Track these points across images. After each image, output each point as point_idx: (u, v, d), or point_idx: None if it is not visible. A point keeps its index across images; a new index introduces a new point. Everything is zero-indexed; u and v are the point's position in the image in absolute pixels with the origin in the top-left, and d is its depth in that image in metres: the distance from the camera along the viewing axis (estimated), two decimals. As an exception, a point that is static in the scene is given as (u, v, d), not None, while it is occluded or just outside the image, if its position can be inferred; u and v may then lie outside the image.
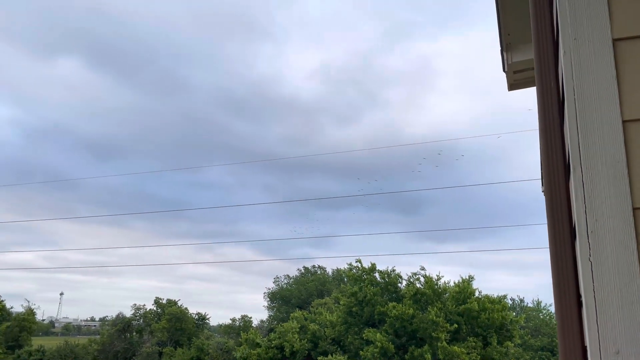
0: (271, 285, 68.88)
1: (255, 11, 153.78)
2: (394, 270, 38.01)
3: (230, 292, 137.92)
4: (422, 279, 36.38)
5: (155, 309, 57.27)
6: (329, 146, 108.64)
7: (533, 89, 2.25)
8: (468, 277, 35.78)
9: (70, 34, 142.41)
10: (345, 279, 49.99)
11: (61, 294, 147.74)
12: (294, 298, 61.27)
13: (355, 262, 38.68)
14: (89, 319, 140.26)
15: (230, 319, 57.14)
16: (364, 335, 33.25)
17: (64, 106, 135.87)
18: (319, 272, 67.74)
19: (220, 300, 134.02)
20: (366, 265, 38.15)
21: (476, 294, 35.18)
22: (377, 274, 37.79)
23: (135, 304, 56.98)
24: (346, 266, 40.91)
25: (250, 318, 57.09)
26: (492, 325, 33.08)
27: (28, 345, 57.64)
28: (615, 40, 1.80)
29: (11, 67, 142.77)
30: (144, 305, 57.47)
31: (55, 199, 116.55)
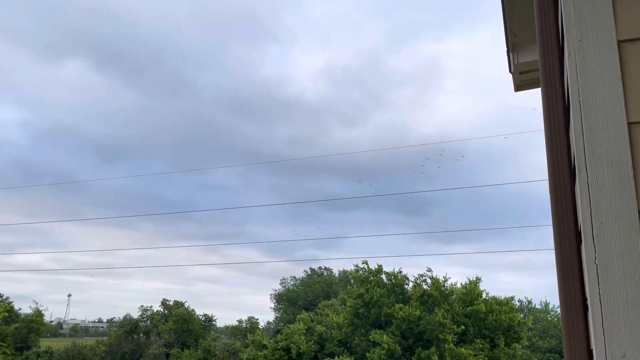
0: (278, 287, 68.96)
1: (261, 12, 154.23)
2: (400, 271, 37.98)
3: (237, 294, 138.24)
4: (429, 281, 36.31)
5: (162, 310, 57.46)
6: (335, 147, 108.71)
7: (540, 90, 2.24)
8: (475, 279, 35.68)
9: (76, 36, 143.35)
10: (351, 281, 50.00)
11: (69, 296, 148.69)
12: (301, 299, 61.28)
13: (362, 264, 38.71)
14: (96, 320, 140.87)
15: (237, 321, 57.26)
16: (370, 336, 33.19)
17: (71, 108, 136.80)
18: (326, 274, 67.75)
19: (226, 302, 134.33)
20: (373, 266, 38.17)
21: (483, 295, 35.06)
22: (384, 276, 37.74)
23: (142, 306, 57.27)
24: (353, 267, 40.94)
25: (257, 319, 57.18)
26: (500, 327, 32.93)
27: (36, 346, 57.98)
28: (620, 41, 1.79)
29: (17, 70, 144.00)
30: (151, 306, 57.74)
31: (63, 201, 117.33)
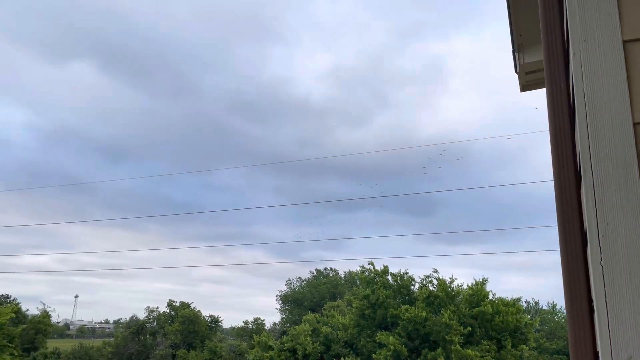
0: (284, 288, 69.03)
1: (266, 13, 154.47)
2: (406, 272, 37.91)
3: (243, 295, 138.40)
4: (435, 282, 36.21)
5: (168, 311, 57.64)
6: (340, 148, 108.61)
7: (545, 91, 2.23)
8: (482, 280, 35.55)
9: (81, 37, 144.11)
10: (357, 282, 49.97)
11: (76, 297, 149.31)
12: (307, 301, 61.30)
13: (368, 265, 38.67)
14: (103, 321, 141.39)
15: (243, 322, 57.43)
16: (376, 338, 33.14)
17: (76, 109, 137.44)
18: (332, 275, 67.74)
19: (232, 303, 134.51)
20: (379, 267, 38.11)
21: (490, 296, 34.92)
22: (390, 277, 37.69)
23: (148, 307, 57.50)
24: (358, 269, 40.91)
25: (263, 321, 57.28)
26: (507, 328, 32.80)
27: (43, 347, 58.33)
28: (625, 41, 1.78)
29: (23, 71, 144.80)
30: (157, 307, 57.95)
31: (69, 202, 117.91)
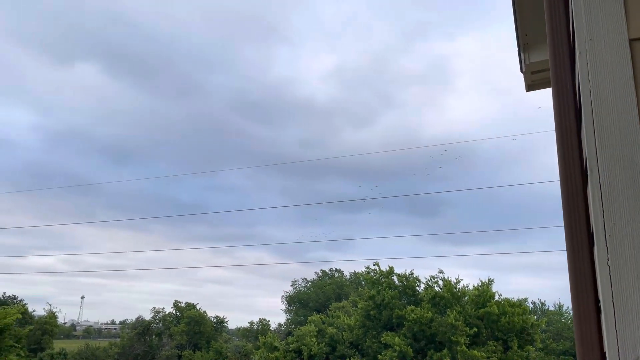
0: (289, 289, 69.06)
1: (270, 14, 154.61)
2: (412, 273, 37.86)
3: (248, 296, 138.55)
4: (441, 282, 36.16)
5: (174, 312, 57.79)
6: (345, 148, 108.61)
7: (551, 90, 2.22)
8: (487, 280, 35.45)
9: (87, 39, 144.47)
10: (363, 282, 49.92)
11: (82, 298, 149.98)
12: (312, 301, 61.30)
13: (373, 265, 38.64)
14: (109, 322, 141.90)
15: (249, 323, 57.50)
16: (382, 339, 33.10)
17: (82, 110, 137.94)
18: (337, 276, 67.71)
19: (238, 304, 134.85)
20: (384, 268, 38.05)
21: (496, 297, 34.82)
22: (395, 277, 37.64)
23: (154, 307, 57.69)
24: (364, 269, 40.88)
25: (268, 321, 57.37)
26: (513, 329, 32.68)
27: (50, 348, 58.58)
28: (631, 40, 1.76)
29: (29, 73, 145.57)
30: (163, 308, 58.13)
31: (75, 203, 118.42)
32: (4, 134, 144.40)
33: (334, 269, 68.80)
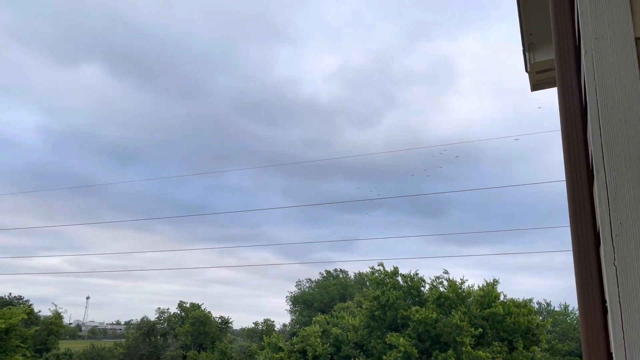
0: (293, 289, 69.07)
1: (273, 14, 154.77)
2: (416, 273, 37.77)
3: (253, 296, 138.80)
4: (446, 283, 36.07)
5: (179, 312, 57.91)
6: (349, 148, 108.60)
7: (556, 90, 2.21)
8: (492, 281, 35.36)
9: (91, 40, 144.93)
10: (367, 283, 49.87)
11: (87, 298, 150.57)
12: (316, 302, 61.28)
13: (378, 266, 38.60)
14: (114, 322, 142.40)
15: (253, 323, 57.54)
16: (386, 339, 33.06)
17: (86, 111, 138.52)
18: (341, 276, 67.68)
19: (243, 304, 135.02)
20: (388, 268, 38.01)
21: (501, 297, 34.72)
22: (400, 278, 37.57)
23: (159, 308, 57.82)
24: (368, 270, 40.84)
25: (273, 322, 57.38)
26: (518, 330, 32.57)
27: (55, 348, 58.80)
28: (637, 38, 1.75)
29: (34, 74, 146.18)
30: (168, 309, 58.24)
31: (80, 204, 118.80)
32: (9, 135, 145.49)
33: (339, 270, 68.83)
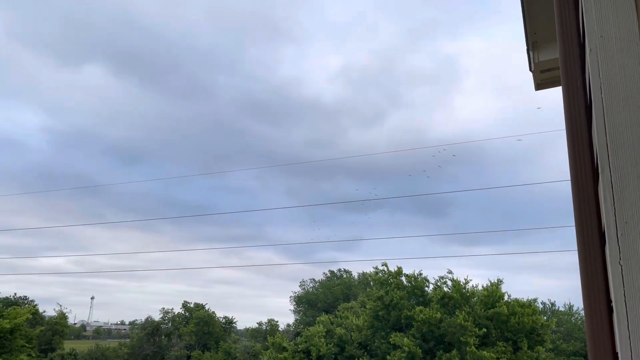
0: (297, 289, 69.09)
1: (277, 14, 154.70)
2: (420, 273, 37.73)
3: (257, 296, 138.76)
4: (450, 283, 36.00)
5: (183, 312, 58.02)
6: (353, 148, 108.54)
7: (560, 89, 2.20)
8: (497, 281, 35.28)
9: (95, 40, 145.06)
10: (371, 283, 49.83)
11: (92, 298, 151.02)
12: (320, 302, 61.29)
13: (381, 266, 38.55)
14: (119, 322, 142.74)
15: (257, 323, 57.53)
16: (390, 339, 33.03)
17: (90, 112, 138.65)
18: (345, 276, 67.65)
19: (247, 304, 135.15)
20: (392, 268, 37.96)
21: (505, 297, 34.65)
22: (404, 278, 37.54)
23: (163, 308, 57.93)
24: (372, 270, 40.80)
25: (277, 322, 57.38)
26: (523, 330, 32.50)
27: (60, 348, 59.00)
28: (643, 36, 1.74)
29: (38, 75, 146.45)
30: (172, 309, 58.35)
31: (84, 205, 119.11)
32: (13, 136, 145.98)
33: (342, 270, 68.81)
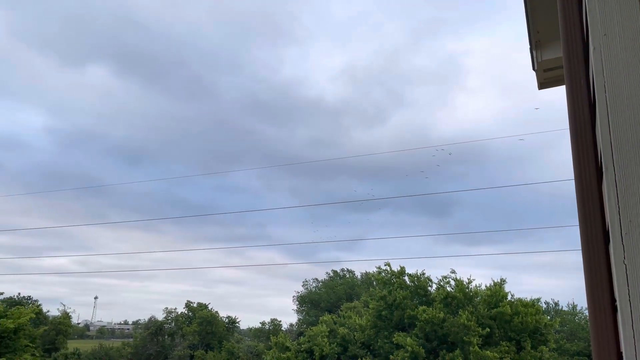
0: (300, 289, 69.11)
1: (280, 14, 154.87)
2: (423, 273, 37.70)
3: (260, 296, 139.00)
4: (453, 282, 35.96)
5: (186, 312, 58.10)
6: (356, 148, 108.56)
7: (564, 88, 2.19)
8: (500, 280, 35.23)
9: (99, 41, 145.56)
10: (374, 282, 49.78)
11: (95, 298, 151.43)
12: (323, 302, 61.29)
13: (384, 266, 38.52)
14: (122, 322, 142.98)
15: (260, 323, 57.60)
16: (394, 339, 33.00)
17: (94, 112, 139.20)
18: (348, 276, 67.64)
19: (250, 304, 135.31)
20: (395, 268, 37.94)
21: (509, 297, 34.58)
22: (407, 277, 37.51)
23: (166, 308, 58.04)
24: (375, 269, 40.77)
25: (280, 322, 57.41)
26: (526, 329, 32.43)
27: (64, 348, 59.14)
28: (647, 34, 1.74)
29: (42, 75, 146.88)
30: (175, 308, 58.43)
31: (88, 205, 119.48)
32: (17, 136, 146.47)
33: (345, 269, 68.80)
